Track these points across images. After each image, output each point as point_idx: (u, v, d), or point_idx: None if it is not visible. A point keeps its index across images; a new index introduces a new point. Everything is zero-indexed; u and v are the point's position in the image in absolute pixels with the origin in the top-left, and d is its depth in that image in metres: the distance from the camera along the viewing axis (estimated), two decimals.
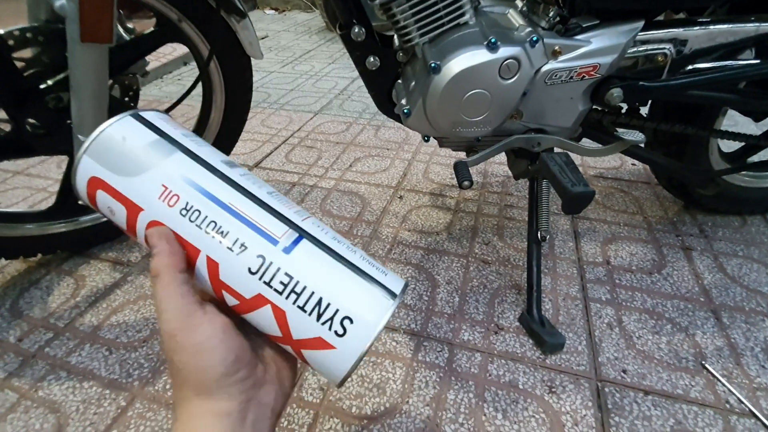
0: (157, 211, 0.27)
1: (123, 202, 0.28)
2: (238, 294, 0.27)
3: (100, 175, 0.28)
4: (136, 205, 0.27)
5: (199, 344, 0.25)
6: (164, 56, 1.85)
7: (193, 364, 0.25)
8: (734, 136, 0.70)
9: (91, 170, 0.28)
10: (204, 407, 0.25)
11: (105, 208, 0.28)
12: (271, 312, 0.26)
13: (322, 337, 0.26)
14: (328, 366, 0.26)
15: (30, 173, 1.08)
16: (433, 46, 0.55)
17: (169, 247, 0.26)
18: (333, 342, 0.26)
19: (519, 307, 0.69)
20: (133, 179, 0.28)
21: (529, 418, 0.53)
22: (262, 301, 0.26)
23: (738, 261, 0.77)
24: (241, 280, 0.26)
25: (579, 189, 0.50)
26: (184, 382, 0.26)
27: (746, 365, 0.59)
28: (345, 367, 0.26)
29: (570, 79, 0.57)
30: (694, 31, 0.59)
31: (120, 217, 0.28)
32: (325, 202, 0.95)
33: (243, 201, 0.28)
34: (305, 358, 0.27)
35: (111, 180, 0.28)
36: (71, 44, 0.52)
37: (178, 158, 0.28)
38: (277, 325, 0.26)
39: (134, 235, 0.28)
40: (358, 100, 1.52)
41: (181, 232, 0.27)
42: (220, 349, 0.26)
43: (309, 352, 0.26)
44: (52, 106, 0.63)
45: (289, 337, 0.26)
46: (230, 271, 0.26)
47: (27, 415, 0.55)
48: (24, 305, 0.71)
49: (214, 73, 0.78)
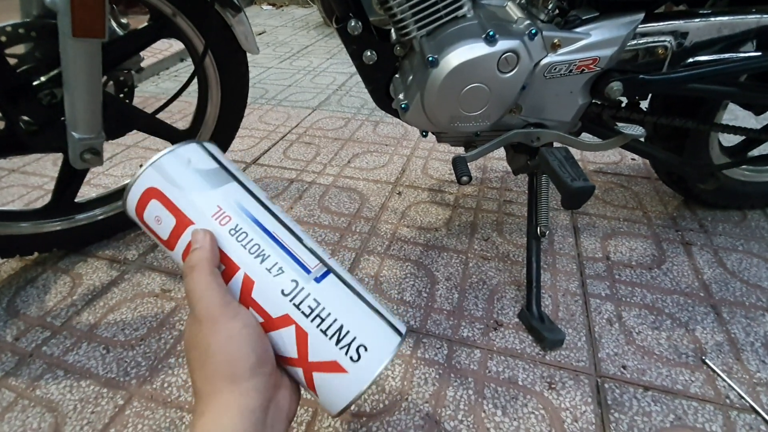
0: (208, 227, 0.30)
1: (175, 213, 0.31)
2: (266, 312, 0.29)
3: (159, 187, 0.31)
4: (187, 218, 0.30)
5: (237, 330, 0.27)
6: (160, 52, 1.84)
7: (230, 348, 0.26)
8: (735, 130, 0.69)
9: (152, 181, 0.31)
10: (232, 403, 0.26)
11: (151, 217, 0.31)
12: (294, 332, 0.29)
13: (338, 361, 0.28)
14: (336, 390, 0.29)
15: (25, 171, 1.07)
16: (430, 39, 0.54)
17: (210, 244, 0.29)
18: (347, 367, 0.28)
19: (518, 303, 0.68)
20: (191, 196, 0.31)
21: (528, 415, 0.53)
22: (288, 322, 0.29)
23: (738, 256, 0.77)
24: (272, 300, 0.29)
25: (579, 184, 0.50)
26: (215, 373, 0.26)
27: (746, 360, 0.59)
28: (354, 392, 0.28)
29: (569, 73, 0.56)
30: (694, 24, 0.58)
31: (166, 227, 0.31)
32: (323, 199, 0.95)
33: (284, 232, 0.31)
34: (313, 382, 0.29)
35: (169, 192, 0.31)
36: (63, 39, 0.52)
37: (233, 186, 0.32)
38: (296, 346, 0.29)
39: (173, 245, 0.31)
40: (356, 95, 1.51)
41: (227, 249, 0.30)
42: (254, 338, 0.27)
43: (320, 375, 0.29)
44: (46, 103, 0.62)
45: (305, 359, 0.29)
46: (264, 291, 0.29)
47: (24, 414, 0.54)
48: (20, 304, 0.70)
49: (210, 69, 0.77)
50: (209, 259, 0.28)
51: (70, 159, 0.61)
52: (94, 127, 0.60)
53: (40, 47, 0.62)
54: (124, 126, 0.71)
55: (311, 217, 0.89)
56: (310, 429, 0.52)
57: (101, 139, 0.62)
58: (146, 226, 0.32)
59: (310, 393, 0.30)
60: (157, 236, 0.32)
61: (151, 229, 0.32)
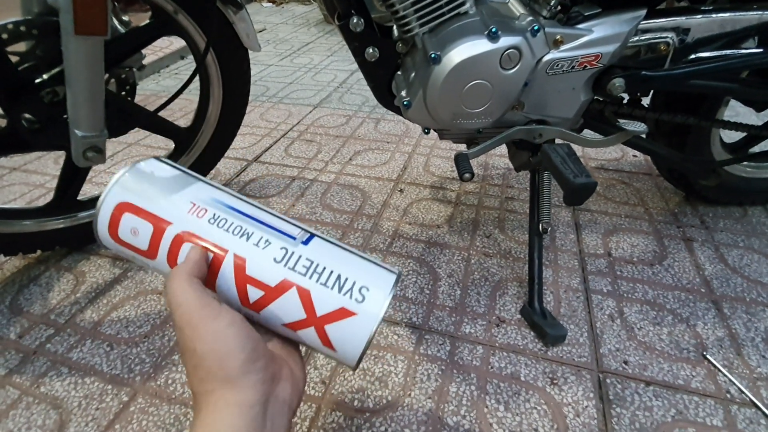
0: (187, 223, 0.31)
1: (151, 220, 0.31)
2: (264, 284, 0.30)
3: (129, 200, 0.32)
4: (164, 220, 0.31)
5: (220, 330, 0.26)
6: (161, 50, 1.83)
7: (216, 350, 0.26)
8: (736, 127, 0.69)
9: (120, 197, 0.32)
10: (229, 399, 0.26)
11: (127, 231, 0.32)
12: (296, 294, 0.30)
13: (345, 307, 0.29)
14: (351, 335, 0.30)
15: (27, 169, 1.07)
16: (433, 36, 0.54)
17: (194, 258, 0.29)
18: (354, 309, 0.29)
19: (520, 299, 0.69)
20: (162, 201, 0.32)
21: (530, 410, 0.53)
22: (287, 285, 0.30)
23: (739, 252, 0.77)
24: (266, 270, 0.30)
25: (581, 180, 0.50)
26: (208, 374, 0.26)
27: (747, 355, 0.59)
28: (368, 330, 0.29)
29: (572, 69, 0.56)
30: (696, 20, 0.58)
31: (143, 236, 0.31)
32: (325, 196, 0.95)
33: (261, 213, 0.33)
34: (328, 336, 0.30)
35: (141, 202, 0.32)
36: (65, 37, 0.51)
37: (202, 185, 0.33)
38: (302, 306, 0.30)
39: (154, 253, 0.31)
40: (357, 92, 1.51)
41: (210, 237, 0.30)
42: (240, 335, 0.27)
43: (332, 326, 0.29)
44: (48, 101, 0.62)
45: (314, 315, 0.30)
46: (256, 264, 0.30)
47: (29, 411, 0.55)
48: (24, 302, 0.70)
49: (212, 66, 0.77)
50: (187, 270, 0.28)
51: (73, 157, 0.61)
52: (96, 124, 0.60)
53: (41, 45, 0.62)
54: (126, 124, 0.71)
55: (313, 215, 0.89)
56: (313, 424, 0.52)
57: (104, 136, 0.62)
58: (124, 244, 0.32)
59: (327, 351, 0.31)
60: (137, 250, 0.32)
61: (129, 245, 0.32)
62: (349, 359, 0.31)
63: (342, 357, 0.31)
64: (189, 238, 0.31)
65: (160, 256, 0.31)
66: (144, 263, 0.32)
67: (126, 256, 0.33)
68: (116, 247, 0.33)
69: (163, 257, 0.31)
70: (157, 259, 0.31)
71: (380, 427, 0.52)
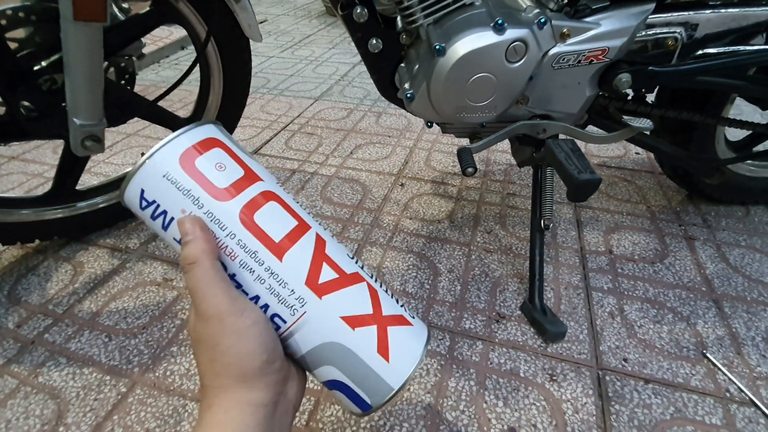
0: (276, 187, 0.30)
1: (243, 166, 0.29)
2: (340, 269, 0.29)
3: (225, 141, 0.30)
4: (256, 174, 0.30)
5: (246, 328, 0.25)
6: (161, 40, 1.82)
7: (240, 347, 0.25)
8: (742, 125, 0.69)
9: (215, 133, 0.30)
10: (242, 397, 0.25)
11: (211, 163, 0.28)
12: (366, 288, 0.30)
13: (404, 315, 0.30)
14: (409, 342, 0.30)
15: (25, 158, 1.06)
16: (437, 27, 0.54)
17: (203, 234, 0.26)
18: (411, 320, 0.31)
19: (521, 296, 0.68)
20: (253, 161, 0.31)
21: (529, 406, 0.53)
22: (359, 279, 0.30)
23: (740, 251, 0.77)
24: (342, 259, 0.30)
25: (586, 176, 0.49)
26: (225, 370, 0.25)
27: (747, 354, 0.59)
28: (422, 341, 0.30)
29: (578, 63, 0.55)
30: (705, 15, 0.57)
31: (228, 175, 0.28)
32: (325, 190, 0.94)
33: None
34: (387, 339, 0.29)
35: (236, 149, 0.30)
36: (64, 23, 0.51)
37: None
38: (370, 301, 0.29)
39: (229, 196, 0.28)
40: (359, 86, 1.49)
41: (296, 209, 0.30)
42: (264, 335, 0.26)
43: (394, 329, 0.29)
44: (46, 89, 0.61)
45: (380, 313, 0.29)
46: (334, 250, 0.30)
47: (27, 401, 0.54)
48: (22, 291, 0.70)
49: (212, 56, 0.76)
50: (207, 250, 0.26)
51: (72, 146, 0.61)
52: (95, 113, 0.59)
53: (40, 32, 0.61)
54: (125, 113, 0.70)
55: (313, 208, 0.88)
56: (312, 417, 0.52)
57: (102, 125, 0.61)
58: (193, 173, 0.28)
59: (378, 360, 0.28)
60: (209, 184, 0.28)
61: (202, 176, 0.28)
62: (399, 375, 0.28)
63: (390, 372, 0.28)
64: (277, 199, 0.29)
65: (235, 201, 0.28)
66: (198, 203, 0.27)
67: (181, 187, 0.27)
68: (177, 174, 0.27)
69: (238, 205, 0.27)
70: (229, 202, 0.27)
71: (379, 421, 0.52)
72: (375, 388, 0.28)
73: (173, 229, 0.28)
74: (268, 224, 0.28)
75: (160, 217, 0.28)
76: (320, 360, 0.28)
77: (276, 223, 0.28)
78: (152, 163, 0.27)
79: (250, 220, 0.28)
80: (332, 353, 0.28)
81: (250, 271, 0.27)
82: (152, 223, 0.29)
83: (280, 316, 0.28)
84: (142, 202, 0.28)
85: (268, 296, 0.27)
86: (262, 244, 0.27)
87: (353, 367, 0.28)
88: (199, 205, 0.27)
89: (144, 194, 0.28)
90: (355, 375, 0.28)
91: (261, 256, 0.27)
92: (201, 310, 0.26)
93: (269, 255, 0.27)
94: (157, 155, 0.28)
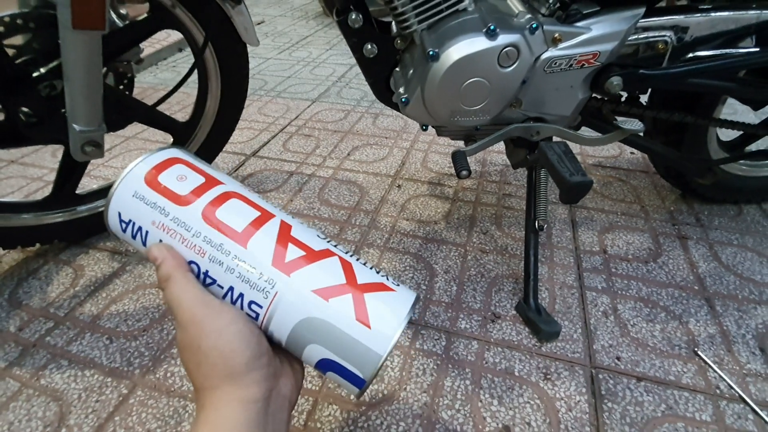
0: (237, 187, 0.33)
1: (203, 174, 0.32)
2: (307, 246, 0.30)
3: (184, 157, 0.33)
4: (216, 179, 0.32)
5: (224, 327, 0.27)
6: (158, 42, 1.82)
7: (221, 346, 0.26)
8: (733, 125, 0.70)
9: (175, 153, 0.33)
10: (233, 395, 0.26)
11: (173, 176, 0.31)
12: (338, 261, 0.30)
13: (384, 283, 0.30)
14: (390, 309, 0.29)
15: (24, 162, 1.07)
16: (431, 33, 0.54)
17: (170, 253, 0.29)
18: (393, 287, 0.31)
19: (516, 295, 0.69)
20: (213, 170, 0.34)
21: (524, 404, 0.54)
22: (330, 254, 0.30)
23: (733, 250, 0.78)
24: (310, 239, 0.31)
25: (577, 179, 0.50)
26: (212, 371, 0.26)
27: (737, 352, 0.60)
28: (407, 306, 0.30)
29: (570, 67, 0.56)
30: (695, 18, 0.58)
31: (189, 183, 0.31)
32: (323, 192, 0.95)
33: None
34: (365, 306, 0.28)
35: (195, 162, 0.33)
36: (63, 31, 0.51)
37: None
38: (342, 272, 0.30)
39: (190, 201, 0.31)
40: (356, 87, 1.50)
41: (258, 202, 0.32)
42: (244, 331, 0.27)
43: (372, 296, 0.29)
44: (45, 95, 0.62)
45: (354, 282, 0.29)
46: (301, 232, 0.31)
47: (29, 403, 0.55)
48: (23, 295, 0.71)
49: (210, 61, 0.77)
50: (176, 266, 0.28)
51: (71, 151, 0.62)
52: (94, 119, 0.60)
53: (38, 38, 0.62)
54: (124, 118, 0.71)
55: (311, 210, 0.89)
56: (310, 417, 0.53)
57: (102, 131, 0.62)
58: (158, 188, 0.31)
59: (358, 327, 0.28)
60: (172, 195, 0.30)
61: (166, 189, 0.30)
62: (383, 340, 0.28)
63: (373, 338, 0.28)
64: (238, 196, 0.31)
65: (196, 204, 0.30)
66: (164, 212, 0.30)
67: (148, 201, 0.30)
68: (143, 190, 0.31)
69: (199, 207, 0.30)
70: (189, 207, 0.30)
71: (376, 420, 0.53)
72: (362, 358, 0.28)
73: (151, 242, 0.31)
74: (230, 218, 0.30)
75: (138, 234, 0.31)
76: (303, 340, 0.29)
77: (238, 216, 0.30)
78: (122, 186, 0.31)
79: (212, 217, 0.30)
80: (311, 329, 0.28)
81: (219, 263, 0.29)
82: (134, 242, 0.32)
83: (255, 302, 0.29)
84: (122, 224, 0.32)
85: (240, 284, 0.29)
86: (225, 236, 0.29)
87: (335, 340, 0.28)
88: (165, 214, 0.30)
89: (121, 216, 0.32)
90: (340, 348, 0.28)
91: (227, 247, 0.29)
92: (180, 318, 0.27)
93: (233, 244, 0.29)
94: (125, 179, 0.31)
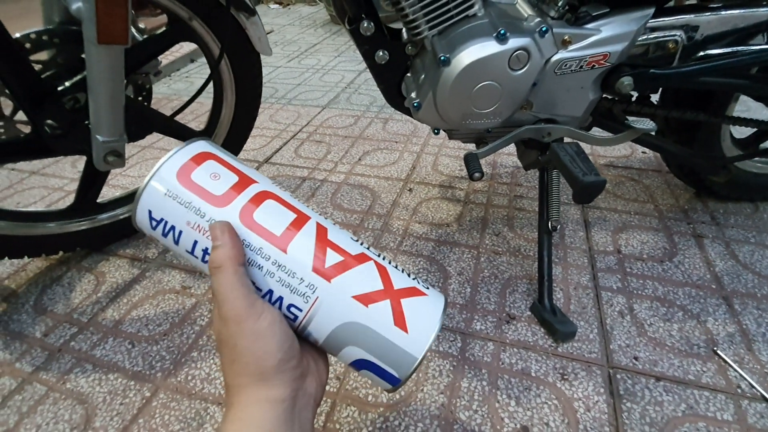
0: (271, 186, 0.32)
1: (236, 172, 0.31)
2: (345, 251, 0.30)
3: (215, 152, 0.32)
4: (250, 177, 0.31)
5: (263, 330, 0.27)
6: (171, 53, 1.86)
7: (256, 348, 0.27)
8: (746, 122, 0.69)
9: (205, 147, 0.32)
10: (261, 394, 0.27)
11: (205, 174, 0.30)
12: (374, 266, 0.31)
13: (416, 287, 0.31)
14: (425, 312, 0.30)
15: (45, 173, 1.10)
16: (442, 38, 0.55)
17: (231, 240, 0.28)
18: (424, 290, 0.31)
19: (530, 296, 0.69)
20: (246, 167, 0.33)
21: (541, 405, 0.54)
22: (366, 258, 0.31)
23: (750, 248, 0.77)
24: (346, 243, 0.31)
25: (590, 178, 0.51)
26: (244, 369, 0.27)
27: (758, 351, 0.59)
28: (439, 309, 0.31)
29: (580, 69, 0.57)
30: (705, 17, 0.58)
31: (223, 182, 0.30)
32: (335, 196, 0.96)
33: None
34: (402, 311, 0.29)
35: (227, 158, 0.32)
36: (88, 46, 0.53)
37: None
38: (379, 278, 0.30)
39: (226, 201, 0.30)
40: (365, 93, 1.52)
41: (292, 203, 0.32)
42: (279, 335, 0.28)
43: (408, 301, 0.30)
44: (70, 107, 0.64)
45: (391, 288, 0.30)
46: (337, 235, 0.31)
47: (56, 406, 0.57)
48: (47, 301, 0.73)
49: (225, 71, 0.79)
50: (232, 257, 0.28)
51: (94, 161, 0.64)
52: (116, 129, 0.62)
53: (62, 53, 0.64)
54: (144, 128, 0.73)
55: (324, 215, 0.89)
56: (329, 419, 0.54)
57: (123, 141, 0.64)
58: (191, 186, 0.30)
59: (396, 332, 0.29)
60: (206, 194, 0.29)
61: (199, 188, 0.30)
62: (420, 344, 0.29)
63: (410, 342, 0.29)
64: (273, 197, 0.31)
65: (233, 205, 0.29)
66: (200, 213, 0.29)
67: (182, 200, 0.30)
68: (177, 189, 0.30)
69: (236, 208, 0.29)
70: (227, 207, 0.29)
71: (394, 421, 0.53)
72: (399, 360, 0.29)
73: (184, 242, 0.30)
74: (267, 221, 0.30)
75: (170, 233, 0.30)
76: (342, 342, 0.30)
77: (275, 218, 0.30)
78: (153, 184, 0.30)
79: (250, 220, 0.29)
80: (351, 333, 0.29)
81: (258, 267, 0.29)
82: (165, 240, 0.31)
83: (295, 306, 0.29)
84: (152, 222, 0.31)
85: (280, 288, 0.29)
86: (265, 240, 0.29)
87: (374, 343, 0.29)
88: (201, 215, 0.29)
89: (152, 214, 0.30)
90: (378, 351, 0.29)
91: (266, 251, 0.29)
92: (222, 312, 0.28)
93: (273, 249, 0.29)
94: (156, 176, 0.30)
